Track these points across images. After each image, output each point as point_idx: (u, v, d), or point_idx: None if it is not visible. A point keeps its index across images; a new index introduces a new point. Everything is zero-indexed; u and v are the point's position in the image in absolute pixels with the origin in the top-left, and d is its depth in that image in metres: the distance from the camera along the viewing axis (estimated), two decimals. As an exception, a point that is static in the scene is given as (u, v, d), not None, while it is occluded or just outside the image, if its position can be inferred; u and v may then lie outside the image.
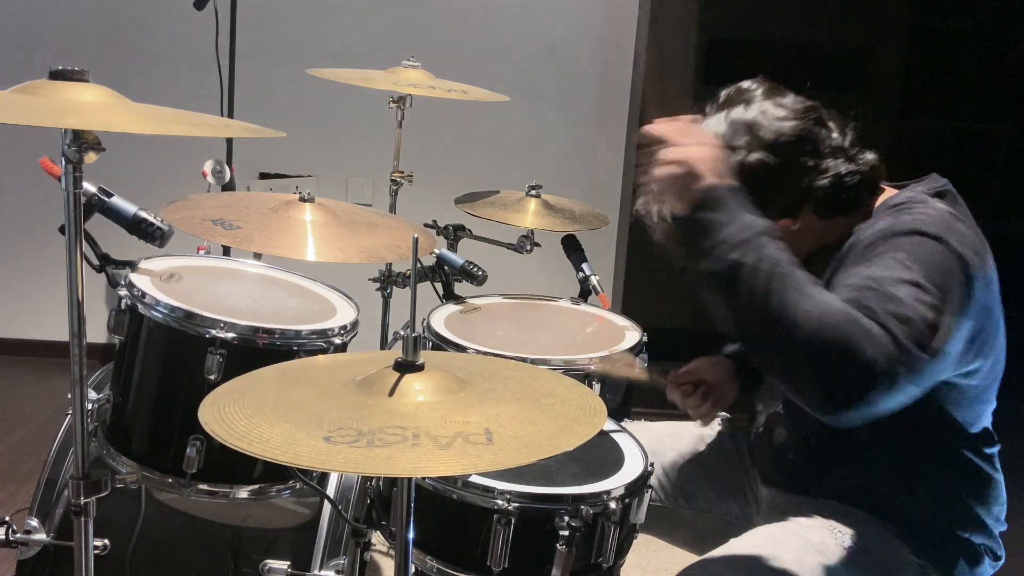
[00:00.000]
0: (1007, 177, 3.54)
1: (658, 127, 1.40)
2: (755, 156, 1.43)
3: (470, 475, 1.39)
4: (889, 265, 1.27)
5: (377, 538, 2.25)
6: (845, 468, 1.54)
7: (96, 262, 1.60)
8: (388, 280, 2.51)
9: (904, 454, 1.49)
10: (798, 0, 3.39)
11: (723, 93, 1.51)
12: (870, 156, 1.48)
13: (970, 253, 1.32)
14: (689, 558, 1.82)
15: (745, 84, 1.51)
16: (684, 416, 1.75)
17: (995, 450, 1.52)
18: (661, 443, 1.81)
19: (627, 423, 1.83)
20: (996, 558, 1.54)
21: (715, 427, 1.84)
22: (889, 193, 1.52)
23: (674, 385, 1.71)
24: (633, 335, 1.99)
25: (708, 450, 1.80)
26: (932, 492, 1.49)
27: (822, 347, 1.17)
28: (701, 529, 1.79)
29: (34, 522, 1.71)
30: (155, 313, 1.57)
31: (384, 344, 2.62)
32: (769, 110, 1.45)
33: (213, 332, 1.54)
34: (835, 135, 1.47)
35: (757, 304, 1.22)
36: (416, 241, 1.24)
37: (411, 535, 1.15)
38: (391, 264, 2.48)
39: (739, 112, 1.46)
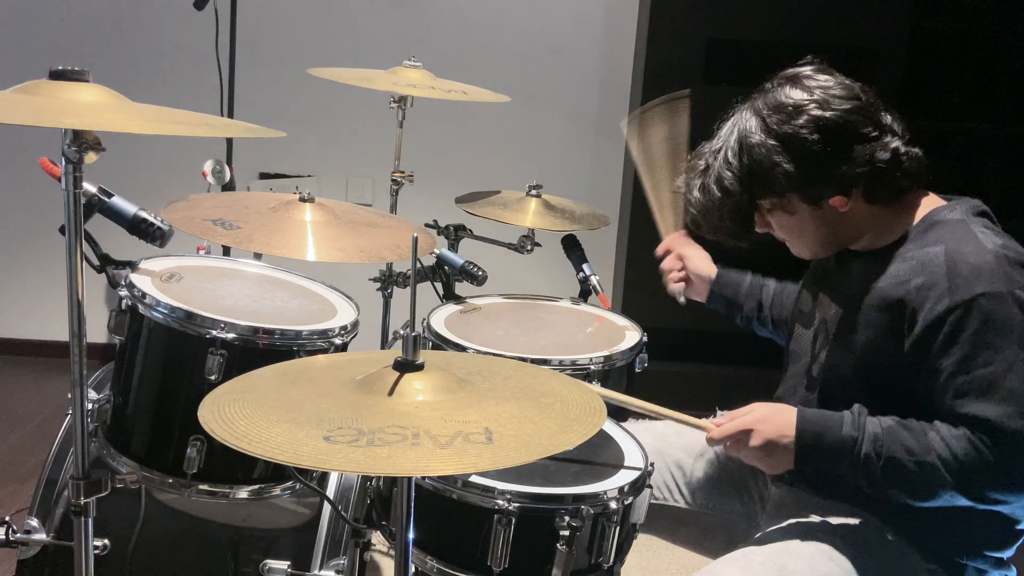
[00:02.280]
0: (1007, 177, 3.54)
1: (718, 434, 1.51)
2: (830, 114, 1.43)
3: (470, 475, 1.39)
4: (983, 355, 1.36)
5: (377, 538, 2.25)
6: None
7: (96, 262, 1.60)
8: (388, 280, 2.51)
9: None
10: (798, 0, 3.38)
11: (775, 77, 1.53)
12: (916, 150, 1.49)
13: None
14: (692, 557, 1.82)
15: (799, 66, 1.52)
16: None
17: None
18: (666, 441, 1.81)
19: (631, 423, 1.83)
20: (1006, 566, 1.53)
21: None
22: (933, 202, 1.52)
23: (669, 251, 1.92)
24: (633, 335, 1.99)
25: (715, 449, 1.80)
26: (946, 515, 1.47)
27: (963, 482, 1.38)
28: (705, 527, 1.79)
29: (34, 522, 1.71)
30: (155, 313, 1.57)
31: (384, 344, 2.62)
32: (833, 78, 1.48)
33: (213, 332, 1.54)
34: (889, 117, 1.48)
35: (905, 469, 1.40)
36: (416, 241, 1.24)
37: (411, 535, 1.15)
38: (391, 264, 2.48)
39: (805, 81, 1.47)
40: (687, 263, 1.93)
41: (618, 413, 1.86)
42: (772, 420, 1.47)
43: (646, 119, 2.03)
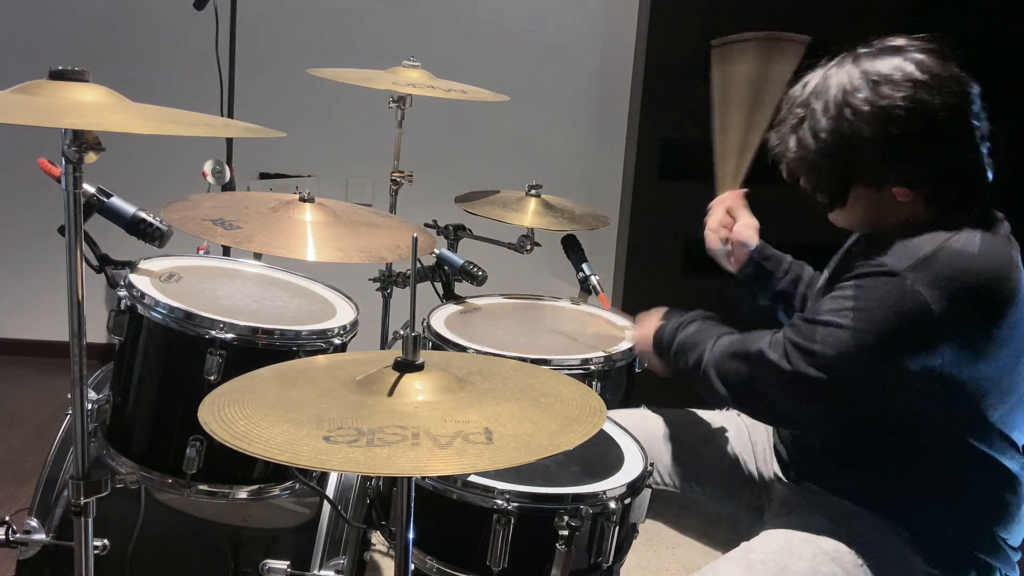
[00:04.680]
0: (1007, 177, 3.54)
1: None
2: (937, 100, 1.37)
3: (470, 475, 1.38)
4: (834, 300, 1.40)
5: (377, 538, 2.25)
6: (866, 470, 1.52)
7: (96, 262, 1.60)
8: (388, 280, 2.51)
9: (928, 463, 1.48)
10: (798, 0, 3.38)
11: (884, 39, 1.47)
12: (991, 161, 1.45)
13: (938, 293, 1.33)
14: (693, 554, 1.82)
15: (906, 40, 1.45)
16: (700, 406, 1.81)
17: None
18: (680, 429, 1.81)
19: (644, 408, 1.83)
20: (1010, 568, 1.53)
21: (728, 416, 1.85)
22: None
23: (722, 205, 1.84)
24: (633, 335, 1.99)
25: (728, 439, 1.80)
26: (951, 507, 1.47)
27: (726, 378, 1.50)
28: (711, 516, 1.79)
29: (34, 522, 1.71)
30: (155, 314, 1.57)
31: (384, 344, 2.62)
32: (944, 66, 1.41)
33: (213, 333, 1.54)
34: (985, 125, 1.43)
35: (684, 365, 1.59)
36: (416, 241, 1.24)
37: (411, 535, 1.15)
38: (391, 264, 2.48)
39: (919, 59, 1.40)
40: (735, 226, 1.83)
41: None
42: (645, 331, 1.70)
43: (739, 51, 1.89)
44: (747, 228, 1.82)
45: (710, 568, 1.49)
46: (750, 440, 1.80)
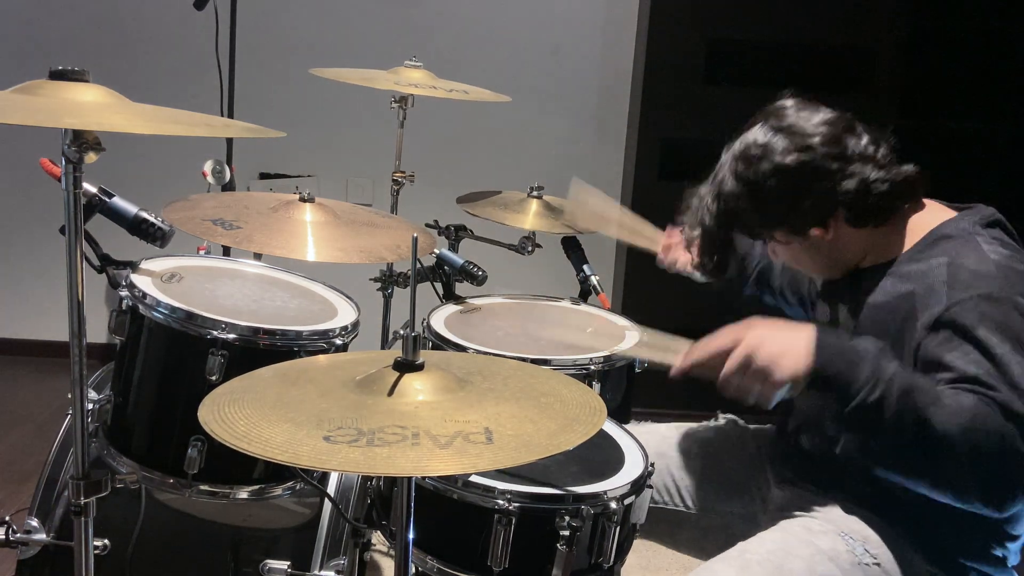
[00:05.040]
0: (1007, 177, 3.54)
1: (694, 356, 1.38)
2: (789, 159, 1.47)
3: (470, 475, 1.38)
4: (988, 341, 1.31)
5: (377, 538, 2.25)
6: (865, 472, 1.52)
7: (97, 263, 1.60)
8: (389, 280, 2.51)
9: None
10: (798, 0, 3.38)
11: (761, 112, 1.56)
12: (905, 168, 1.50)
13: None
14: (692, 560, 1.82)
15: (779, 102, 1.56)
16: (689, 418, 1.76)
17: None
18: (668, 444, 1.81)
19: (633, 425, 1.83)
20: (1008, 569, 1.53)
21: (722, 428, 1.85)
22: (942, 213, 1.53)
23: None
24: (633, 335, 1.99)
25: (716, 449, 1.80)
26: (951, 506, 1.47)
27: (975, 450, 1.24)
28: (705, 529, 1.79)
29: (34, 522, 1.71)
30: (156, 314, 1.56)
31: (384, 344, 2.62)
32: (802, 116, 1.50)
33: (214, 333, 1.54)
34: (864, 142, 1.49)
35: (907, 428, 1.26)
36: (416, 241, 1.24)
37: (411, 535, 1.15)
38: (392, 264, 2.48)
39: (773, 122, 1.51)
40: (679, 262, 1.98)
41: (619, 413, 1.86)
42: (778, 338, 1.31)
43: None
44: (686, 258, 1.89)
45: (706, 568, 1.49)
46: (741, 448, 1.80)
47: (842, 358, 1.28)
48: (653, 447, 1.74)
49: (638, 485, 1.47)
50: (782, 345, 1.29)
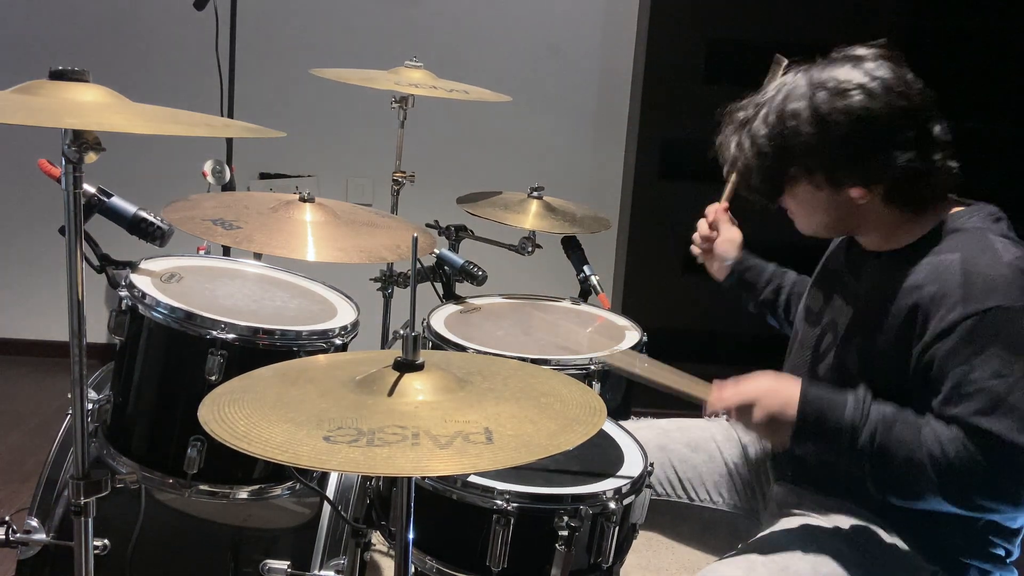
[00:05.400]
0: (1007, 177, 3.54)
1: (720, 404, 1.47)
2: (874, 105, 1.40)
3: (469, 475, 1.38)
4: (990, 365, 1.33)
5: (377, 538, 2.25)
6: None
7: (96, 263, 1.60)
8: (389, 280, 2.51)
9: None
10: (798, 0, 3.39)
11: (841, 49, 1.48)
12: (953, 164, 1.47)
13: None
14: (693, 555, 1.82)
15: (863, 48, 1.48)
16: (689, 414, 1.77)
17: None
18: (668, 437, 1.81)
19: (633, 420, 1.83)
20: (1009, 568, 1.53)
21: (723, 423, 1.85)
22: (951, 206, 1.51)
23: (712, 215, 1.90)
24: (633, 335, 1.99)
25: (717, 445, 1.80)
26: (950, 515, 1.44)
27: (952, 483, 1.34)
28: (707, 522, 1.79)
29: (34, 522, 1.71)
30: (155, 314, 1.56)
31: (384, 344, 2.62)
32: (893, 72, 1.43)
33: (214, 333, 1.54)
34: (939, 129, 1.46)
35: (894, 462, 1.37)
36: (416, 241, 1.24)
37: (411, 535, 1.15)
38: (392, 264, 2.48)
39: (866, 66, 1.43)
40: (716, 240, 1.92)
41: (618, 412, 1.86)
42: (777, 393, 1.42)
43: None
44: (727, 243, 1.90)
45: (710, 569, 1.49)
46: (740, 444, 1.80)
47: (824, 411, 1.41)
48: (654, 441, 1.74)
49: (637, 485, 1.47)
50: (780, 401, 1.42)
